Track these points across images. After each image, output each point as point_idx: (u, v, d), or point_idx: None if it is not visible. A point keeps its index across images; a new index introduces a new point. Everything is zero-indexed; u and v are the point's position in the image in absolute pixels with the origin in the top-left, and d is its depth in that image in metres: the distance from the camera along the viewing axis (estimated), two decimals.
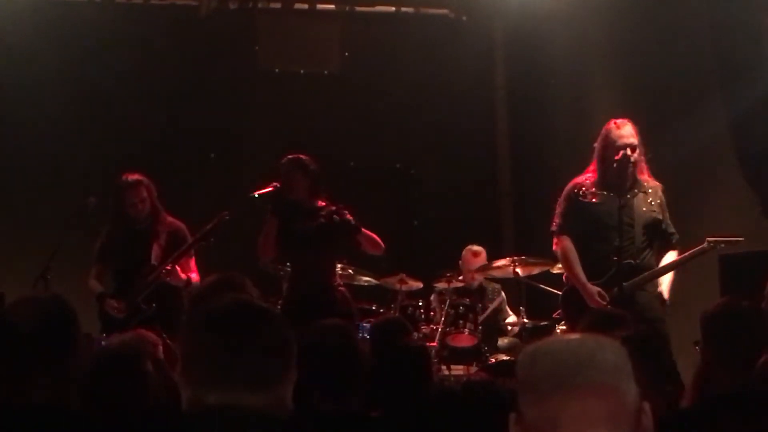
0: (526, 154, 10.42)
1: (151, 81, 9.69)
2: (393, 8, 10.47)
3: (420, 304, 8.55)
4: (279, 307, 6.71)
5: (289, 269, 7.30)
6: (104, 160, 8.92)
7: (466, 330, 8.16)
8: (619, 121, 6.63)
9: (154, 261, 7.06)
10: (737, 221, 7.89)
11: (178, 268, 7.00)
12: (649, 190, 6.57)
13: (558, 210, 6.67)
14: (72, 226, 7.09)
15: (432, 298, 8.73)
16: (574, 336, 1.81)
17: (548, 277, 8.22)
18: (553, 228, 6.65)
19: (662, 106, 8.57)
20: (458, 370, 8.12)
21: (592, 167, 6.64)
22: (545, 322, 8.02)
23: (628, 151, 6.48)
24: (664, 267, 6.42)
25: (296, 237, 6.89)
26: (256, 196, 6.88)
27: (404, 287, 8.56)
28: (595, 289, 6.35)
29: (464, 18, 10.49)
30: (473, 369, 7.90)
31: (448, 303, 8.26)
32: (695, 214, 8.37)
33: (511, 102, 10.62)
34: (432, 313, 8.54)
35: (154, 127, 9.63)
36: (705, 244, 6.36)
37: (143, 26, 9.76)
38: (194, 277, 7.13)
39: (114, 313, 7.02)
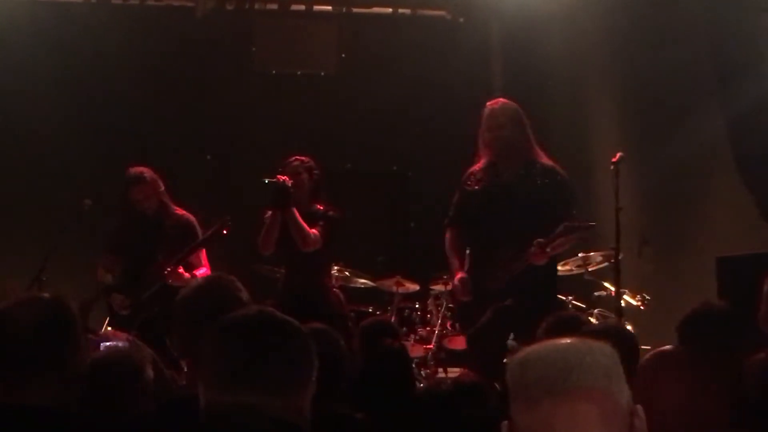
0: None
1: (147, 82, 9.67)
2: (390, 10, 10.46)
3: (417, 306, 8.54)
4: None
5: (283, 271, 7.28)
6: (100, 162, 8.91)
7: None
8: (491, 102, 6.53)
9: (160, 257, 6.95)
10: (734, 223, 7.88)
11: (180, 269, 6.89)
12: (542, 172, 6.33)
13: (451, 202, 6.60)
14: (67, 228, 7.06)
15: (429, 300, 8.71)
16: (563, 340, 1.78)
17: None
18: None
19: (659, 108, 8.56)
20: (455, 372, 8.09)
21: (481, 154, 6.50)
22: None
23: (493, 130, 6.35)
24: (519, 260, 6.15)
25: (291, 238, 6.87)
26: (267, 182, 6.78)
27: (401, 289, 8.54)
28: (459, 276, 6.26)
29: (461, 20, 10.47)
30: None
31: (444, 305, 8.24)
32: (692, 216, 8.37)
33: None
34: (428, 316, 8.52)
35: (150, 129, 9.61)
36: (562, 227, 6.07)
37: (139, 27, 9.76)
38: (204, 272, 6.97)
39: (118, 309, 6.96)
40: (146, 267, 7.00)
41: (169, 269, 6.83)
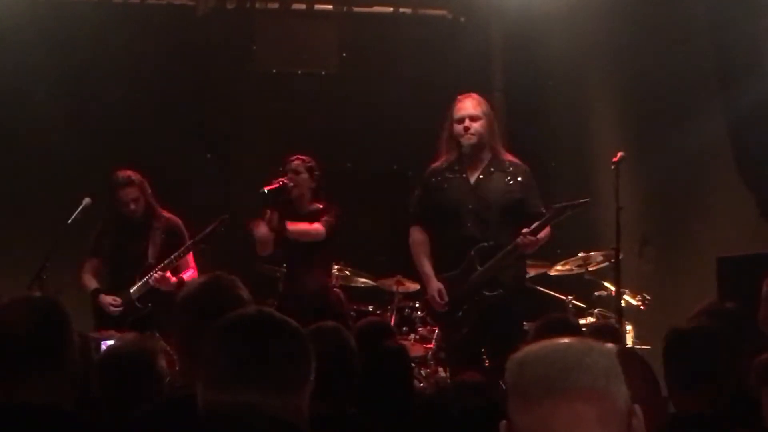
0: (524, 155, 10.36)
1: (148, 81, 9.66)
2: (391, 9, 10.45)
3: (417, 305, 8.53)
4: (274, 308, 6.69)
5: (283, 270, 7.30)
6: (100, 160, 8.88)
7: None
8: (463, 95, 6.43)
9: (151, 259, 7.06)
10: (735, 223, 7.88)
11: (168, 274, 6.98)
12: (509, 169, 6.32)
13: (412, 198, 6.53)
14: (67, 226, 7.05)
15: None
16: (562, 340, 1.77)
17: (545, 279, 8.21)
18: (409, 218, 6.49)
19: (660, 108, 8.56)
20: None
21: (445, 149, 6.43)
22: None
23: (467, 122, 6.26)
24: (507, 251, 6.15)
25: (292, 238, 6.90)
26: (266, 191, 6.79)
27: (401, 289, 8.54)
28: (436, 286, 6.19)
29: (462, 19, 10.47)
30: None
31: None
32: (693, 216, 8.37)
33: (508, 104, 10.60)
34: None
35: (150, 127, 9.60)
36: (553, 211, 6.16)
37: (140, 26, 9.74)
38: (191, 274, 7.10)
39: (109, 310, 7.01)
40: (135, 269, 7.06)
41: (158, 275, 6.91)
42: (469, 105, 6.34)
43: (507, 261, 6.14)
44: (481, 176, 6.28)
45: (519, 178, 6.30)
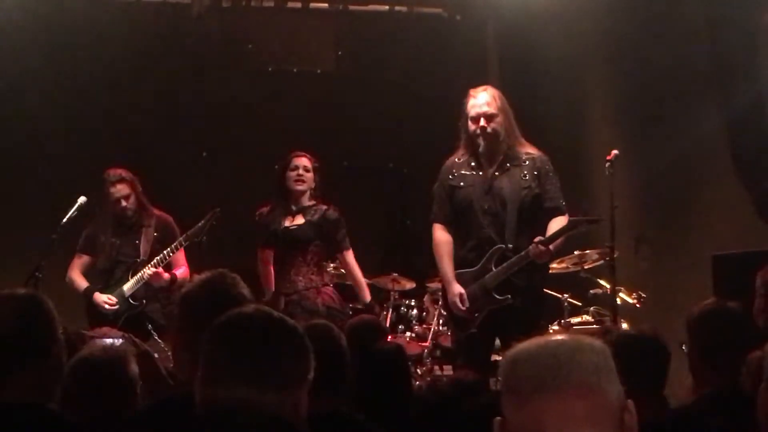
0: None
1: (143, 79, 9.65)
2: (386, 7, 10.43)
3: (413, 303, 8.54)
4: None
5: (278, 269, 7.30)
6: (95, 158, 8.87)
7: None
8: (476, 89, 6.24)
9: (143, 256, 7.09)
10: (730, 221, 7.88)
11: (160, 269, 7.00)
12: (525, 162, 6.13)
13: (434, 197, 6.38)
14: (63, 225, 7.04)
15: (425, 298, 8.71)
16: (554, 337, 1.79)
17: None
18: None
19: (656, 106, 8.56)
20: (450, 370, 8.10)
21: (463, 143, 6.27)
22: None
23: (483, 122, 6.09)
24: (519, 257, 6.00)
25: (283, 235, 6.92)
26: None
27: (397, 287, 8.56)
28: (457, 291, 6.05)
29: (458, 17, 10.46)
30: None
31: (440, 303, 8.24)
32: (688, 213, 8.37)
33: None
34: (424, 313, 8.53)
35: (146, 126, 9.60)
36: (567, 223, 6.05)
37: (135, 24, 9.72)
38: (183, 271, 7.14)
39: (105, 309, 7.02)
40: (128, 266, 7.08)
41: (152, 269, 6.94)
42: (482, 101, 6.14)
43: (519, 266, 6.05)
44: (496, 173, 6.12)
45: (535, 171, 6.13)
